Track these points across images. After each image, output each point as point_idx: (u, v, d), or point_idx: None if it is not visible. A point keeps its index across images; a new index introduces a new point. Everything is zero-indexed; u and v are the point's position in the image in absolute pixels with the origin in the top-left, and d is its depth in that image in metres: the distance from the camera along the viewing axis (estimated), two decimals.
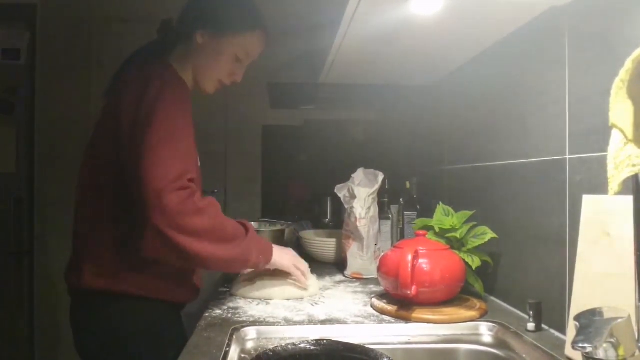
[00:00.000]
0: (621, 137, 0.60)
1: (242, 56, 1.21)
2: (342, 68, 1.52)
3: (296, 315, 1.07)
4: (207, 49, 1.19)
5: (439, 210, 1.27)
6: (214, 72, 1.22)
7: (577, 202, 0.85)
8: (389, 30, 1.13)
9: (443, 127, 1.63)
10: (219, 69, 1.21)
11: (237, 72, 1.24)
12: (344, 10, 1.01)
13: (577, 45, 0.90)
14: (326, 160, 2.82)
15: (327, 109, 2.65)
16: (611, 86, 0.59)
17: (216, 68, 1.21)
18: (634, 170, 0.59)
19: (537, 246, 1.03)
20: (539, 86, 1.02)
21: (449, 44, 1.26)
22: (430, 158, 1.74)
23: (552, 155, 0.97)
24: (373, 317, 1.05)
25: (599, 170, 0.82)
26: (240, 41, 1.19)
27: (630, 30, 0.76)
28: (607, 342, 0.52)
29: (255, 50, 1.23)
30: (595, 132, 0.84)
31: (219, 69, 1.21)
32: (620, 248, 0.73)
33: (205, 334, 0.93)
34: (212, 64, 1.21)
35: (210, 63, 1.21)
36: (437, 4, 0.97)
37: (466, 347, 0.95)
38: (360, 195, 1.48)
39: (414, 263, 1.01)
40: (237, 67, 1.23)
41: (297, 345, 0.78)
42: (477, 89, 1.36)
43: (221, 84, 1.25)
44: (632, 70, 0.57)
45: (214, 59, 1.20)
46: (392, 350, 0.93)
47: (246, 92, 2.67)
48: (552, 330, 0.94)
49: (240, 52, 1.21)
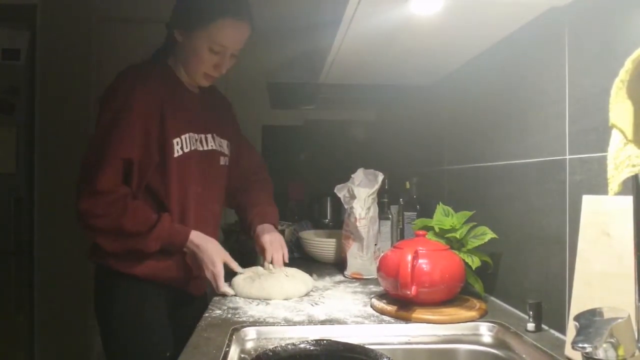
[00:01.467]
0: (621, 137, 0.60)
1: (215, 47, 1.25)
2: (342, 68, 1.52)
3: (296, 316, 1.07)
4: (185, 45, 1.27)
5: (439, 210, 1.27)
6: (197, 66, 1.28)
7: (577, 202, 0.85)
8: (389, 30, 1.13)
9: (443, 127, 1.63)
10: (199, 62, 1.27)
11: (220, 63, 1.28)
12: (344, 10, 1.01)
13: (577, 45, 0.90)
14: (326, 160, 2.82)
15: (327, 109, 2.65)
16: (611, 86, 0.59)
17: (197, 62, 1.27)
18: (634, 171, 0.59)
19: (537, 246, 1.03)
20: (539, 86, 1.02)
21: (449, 44, 1.26)
22: (430, 158, 1.74)
23: (552, 155, 0.97)
24: (373, 317, 1.05)
25: (599, 170, 0.82)
26: (208, 33, 1.23)
27: (630, 30, 0.76)
28: (607, 342, 0.52)
29: (226, 39, 1.24)
30: (595, 132, 0.84)
31: (199, 62, 1.27)
32: (620, 248, 0.73)
33: (205, 334, 0.93)
34: (192, 59, 1.27)
35: (191, 58, 1.28)
36: (437, 4, 0.97)
37: (466, 347, 0.95)
38: (360, 195, 1.48)
39: (413, 263, 1.00)
40: (218, 58, 1.27)
41: (297, 345, 0.78)
42: (477, 89, 1.36)
43: (209, 76, 1.30)
44: (631, 71, 0.57)
45: (192, 54, 1.27)
46: (392, 350, 0.93)
47: (246, 92, 2.67)
48: (552, 331, 0.94)
49: (212, 44, 1.24)
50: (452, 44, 1.26)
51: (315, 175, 2.77)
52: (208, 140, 1.36)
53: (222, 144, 1.42)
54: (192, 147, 1.29)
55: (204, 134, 1.35)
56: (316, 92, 2.09)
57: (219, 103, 1.51)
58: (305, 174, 2.82)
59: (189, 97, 1.35)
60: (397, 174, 1.91)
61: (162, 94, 1.25)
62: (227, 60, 1.28)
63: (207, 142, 1.36)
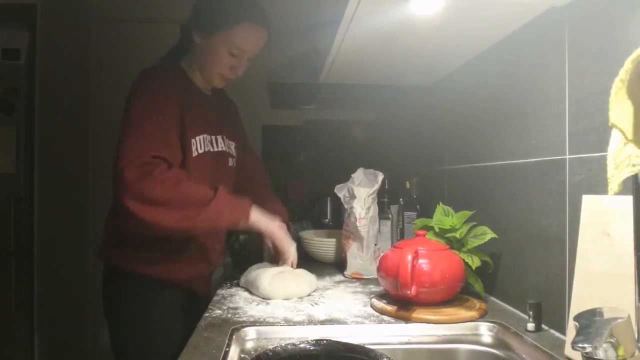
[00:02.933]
0: (621, 137, 0.60)
1: (234, 51, 1.27)
2: (342, 68, 1.52)
3: (296, 315, 1.07)
4: (204, 47, 1.29)
5: (439, 210, 1.27)
6: (214, 68, 1.30)
7: (577, 202, 0.85)
8: (389, 31, 1.13)
9: (443, 127, 1.63)
10: (217, 64, 1.29)
11: (237, 66, 1.30)
12: (344, 10, 1.01)
13: (577, 45, 0.90)
14: (326, 160, 2.82)
15: (327, 109, 2.65)
16: (611, 86, 0.60)
17: (214, 64, 1.29)
18: (634, 170, 0.59)
19: (537, 246, 1.03)
20: (539, 86, 1.02)
21: (449, 44, 1.26)
22: (430, 158, 1.74)
23: (552, 155, 0.97)
24: (373, 317, 1.05)
25: (599, 170, 0.82)
26: (229, 37, 1.25)
27: (630, 30, 0.76)
28: (607, 342, 0.52)
29: (246, 43, 1.27)
30: (595, 132, 0.84)
31: (217, 64, 1.29)
32: (620, 248, 0.73)
33: (205, 334, 0.93)
34: (210, 61, 1.29)
35: (208, 60, 1.30)
36: (437, 4, 0.97)
37: (466, 347, 0.95)
38: (360, 195, 1.48)
39: (413, 263, 1.00)
40: (235, 61, 1.29)
41: (297, 345, 0.78)
42: (477, 89, 1.36)
43: (225, 77, 1.32)
44: (631, 70, 0.57)
45: (210, 56, 1.28)
46: (392, 350, 0.93)
47: (246, 92, 2.67)
48: (552, 330, 0.94)
49: (232, 47, 1.26)
50: (452, 44, 1.26)
51: (315, 175, 2.77)
52: (219, 141, 1.39)
53: (230, 145, 1.45)
54: (205, 149, 1.31)
55: (215, 135, 1.38)
56: (316, 92, 2.09)
57: (228, 105, 1.54)
58: (305, 174, 2.82)
59: (202, 98, 1.37)
60: (397, 174, 1.91)
61: (180, 95, 1.26)
62: (244, 63, 1.31)
63: (218, 144, 1.38)
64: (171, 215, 1.11)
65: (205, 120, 1.34)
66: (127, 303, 1.28)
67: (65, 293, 2.57)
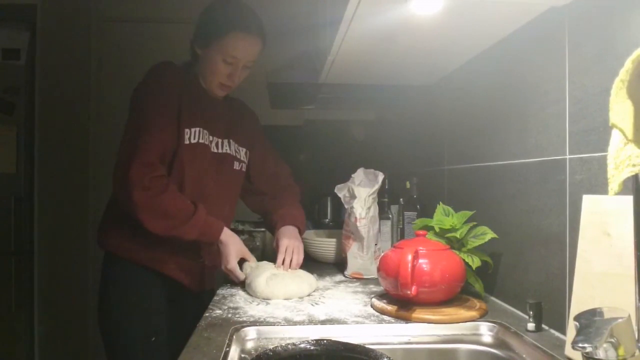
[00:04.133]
0: (621, 137, 0.60)
1: (228, 59, 1.35)
2: (342, 68, 1.52)
3: (296, 315, 1.07)
4: (203, 58, 1.39)
5: (439, 210, 1.27)
6: (213, 77, 1.39)
7: (577, 202, 0.85)
8: (389, 30, 1.13)
9: (443, 127, 1.63)
10: (215, 73, 1.38)
11: (233, 74, 1.38)
12: (344, 10, 1.01)
13: (577, 45, 0.90)
14: (326, 160, 2.82)
15: (327, 109, 2.65)
16: (611, 86, 0.59)
17: (213, 73, 1.38)
18: (634, 170, 0.59)
19: (537, 246, 1.03)
20: (539, 86, 1.02)
21: (449, 44, 1.26)
22: (430, 158, 1.74)
23: (552, 155, 0.97)
24: (373, 317, 1.05)
25: (599, 170, 0.82)
26: (222, 46, 1.33)
27: (630, 30, 0.76)
28: (607, 342, 0.52)
29: (238, 51, 1.34)
30: (595, 132, 0.84)
31: (215, 73, 1.38)
32: (620, 248, 0.73)
33: (205, 334, 0.93)
34: (209, 70, 1.38)
35: (207, 69, 1.39)
36: (437, 4, 0.97)
37: (466, 347, 0.95)
38: (360, 195, 1.48)
39: (414, 263, 1.00)
40: (231, 69, 1.37)
41: (297, 345, 0.78)
42: (477, 89, 1.36)
43: (224, 85, 1.40)
44: (632, 70, 0.57)
45: (208, 66, 1.38)
46: (392, 350, 0.93)
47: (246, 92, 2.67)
48: (552, 330, 0.94)
49: (226, 56, 1.34)
50: (452, 44, 1.26)
51: (315, 175, 2.77)
52: (224, 144, 1.46)
53: (239, 150, 1.52)
54: (200, 140, 1.37)
55: (221, 138, 1.45)
56: (316, 92, 2.09)
57: (244, 114, 1.61)
58: (305, 174, 2.82)
59: (208, 100, 1.44)
60: (397, 174, 1.91)
61: (181, 88, 1.36)
62: (239, 70, 1.38)
63: (222, 146, 1.46)
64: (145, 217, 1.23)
65: (208, 119, 1.41)
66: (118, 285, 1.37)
67: (65, 292, 2.58)
